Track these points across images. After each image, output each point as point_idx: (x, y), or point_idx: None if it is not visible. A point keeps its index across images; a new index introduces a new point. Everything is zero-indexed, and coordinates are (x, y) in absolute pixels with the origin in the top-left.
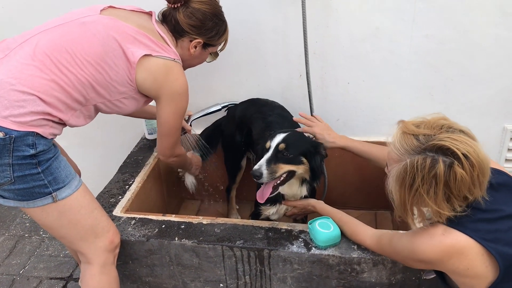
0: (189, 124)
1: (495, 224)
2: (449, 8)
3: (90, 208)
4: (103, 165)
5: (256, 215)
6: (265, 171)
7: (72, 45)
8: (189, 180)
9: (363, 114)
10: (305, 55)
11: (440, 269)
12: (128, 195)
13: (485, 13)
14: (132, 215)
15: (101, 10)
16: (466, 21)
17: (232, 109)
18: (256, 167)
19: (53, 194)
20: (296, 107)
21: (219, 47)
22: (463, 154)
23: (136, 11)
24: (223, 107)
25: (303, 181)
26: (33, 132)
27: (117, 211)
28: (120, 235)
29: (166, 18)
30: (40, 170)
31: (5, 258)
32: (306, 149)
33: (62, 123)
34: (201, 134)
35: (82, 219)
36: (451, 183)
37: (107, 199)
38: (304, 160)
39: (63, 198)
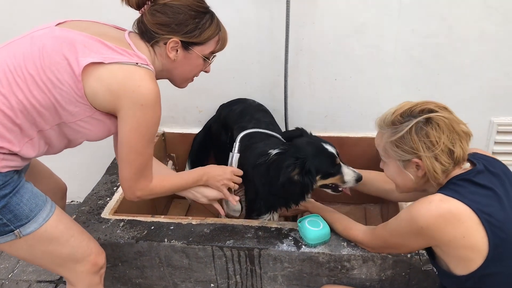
0: None
1: (491, 201)
2: (434, 3)
3: (65, 237)
4: (90, 166)
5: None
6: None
7: (15, 63)
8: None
9: (350, 110)
10: (286, 51)
11: (437, 242)
12: (117, 196)
13: (469, 7)
14: (121, 217)
15: (59, 23)
16: (451, 15)
17: (220, 107)
18: (353, 175)
19: (15, 231)
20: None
21: (214, 46)
22: (433, 109)
23: (113, 26)
24: None
25: None
26: None
27: (105, 213)
28: (105, 254)
29: (137, 26)
30: None
31: None
32: None
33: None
34: (194, 140)
35: (56, 250)
36: (433, 131)
37: (95, 201)
38: None
39: (29, 233)
